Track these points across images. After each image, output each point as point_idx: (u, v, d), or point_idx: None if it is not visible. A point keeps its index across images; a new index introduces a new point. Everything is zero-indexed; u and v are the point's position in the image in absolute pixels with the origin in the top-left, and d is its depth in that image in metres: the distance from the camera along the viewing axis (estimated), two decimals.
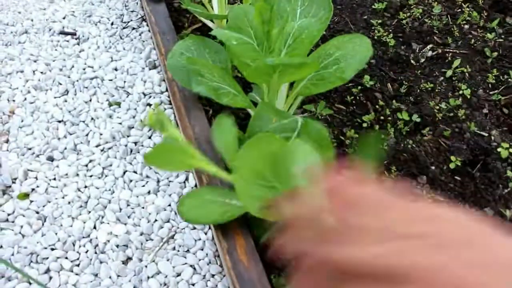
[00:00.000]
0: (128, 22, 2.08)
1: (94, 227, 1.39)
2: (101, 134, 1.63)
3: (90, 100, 1.74)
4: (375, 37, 1.72)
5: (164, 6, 1.70)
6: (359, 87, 1.54)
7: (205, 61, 1.28)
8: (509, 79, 1.60)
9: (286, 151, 0.86)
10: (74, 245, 1.34)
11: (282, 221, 0.87)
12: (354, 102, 1.51)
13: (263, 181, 0.90)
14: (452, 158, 1.37)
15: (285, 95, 1.34)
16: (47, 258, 1.30)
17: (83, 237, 1.36)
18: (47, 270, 1.28)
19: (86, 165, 1.54)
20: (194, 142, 1.26)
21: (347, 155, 1.37)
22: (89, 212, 1.42)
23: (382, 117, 1.46)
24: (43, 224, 1.38)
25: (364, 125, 1.44)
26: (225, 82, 1.21)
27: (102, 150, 1.60)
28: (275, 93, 1.27)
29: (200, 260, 1.32)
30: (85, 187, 1.48)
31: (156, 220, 1.45)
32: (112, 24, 2.06)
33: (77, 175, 1.51)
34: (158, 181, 1.55)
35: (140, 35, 2.01)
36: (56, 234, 1.35)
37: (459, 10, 1.86)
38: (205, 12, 1.56)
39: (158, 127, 0.95)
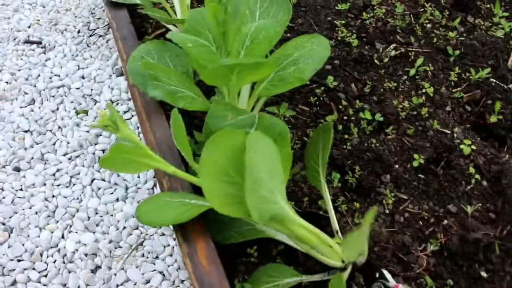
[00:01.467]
0: (95, 29, 2.07)
1: (62, 237, 1.38)
2: (68, 143, 1.63)
3: (57, 109, 1.74)
4: (339, 38, 1.73)
5: (126, 12, 1.70)
6: (323, 88, 1.55)
7: (162, 65, 1.29)
8: (471, 77, 1.62)
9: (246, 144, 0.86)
10: (41, 255, 1.33)
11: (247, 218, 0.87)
12: (317, 103, 1.52)
13: (228, 177, 0.91)
14: (416, 156, 1.38)
15: (247, 97, 1.34)
16: (14, 269, 1.29)
17: (51, 247, 1.35)
18: (14, 282, 1.27)
19: (54, 174, 1.54)
20: (155, 147, 1.26)
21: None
22: (57, 221, 1.42)
23: (345, 117, 1.47)
24: (9, 236, 1.37)
25: None
26: (184, 86, 1.21)
27: (69, 159, 1.59)
28: (235, 95, 1.28)
29: (169, 266, 1.32)
30: (53, 196, 1.48)
31: (125, 227, 1.45)
32: (78, 32, 2.05)
33: (44, 184, 1.50)
34: (127, 188, 1.55)
35: (107, 42, 2.00)
36: (23, 245, 1.35)
37: (422, 9, 1.89)
38: (166, 17, 1.56)
39: (110, 128, 0.94)
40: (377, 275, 1.15)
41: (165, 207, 1.12)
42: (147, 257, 1.38)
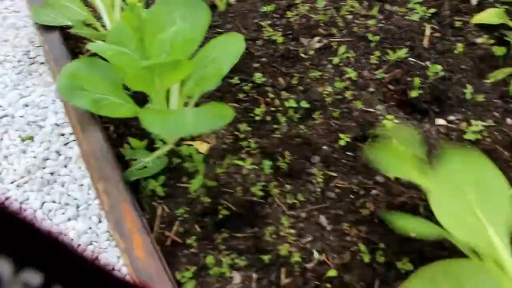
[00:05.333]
0: (35, 57, 2.12)
1: None
2: (15, 170, 1.66)
3: (1, 139, 1.77)
4: (265, 38, 1.82)
5: (58, 34, 1.75)
6: (251, 84, 1.63)
7: (88, 75, 1.34)
8: (390, 58, 1.71)
9: None
10: None
11: None
12: (246, 99, 1.59)
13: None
14: (342, 136, 1.46)
15: (177, 100, 1.41)
16: None
17: None
18: None
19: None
20: (90, 155, 1.31)
21: (242, 148, 1.44)
22: None
23: (273, 108, 1.55)
24: None
25: (257, 118, 1.52)
26: (111, 94, 1.27)
27: (18, 186, 1.62)
28: (163, 98, 1.34)
29: (125, 276, 1.36)
30: None
31: (79, 245, 1.49)
32: (18, 61, 2.10)
33: None
34: (78, 207, 1.59)
35: (48, 69, 2.05)
36: None
37: (343, 3, 1.99)
38: (92, 33, 1.62)
39: None
40: None
41: None
42: None
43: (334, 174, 1.39)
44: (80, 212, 1.57)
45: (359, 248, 1.23)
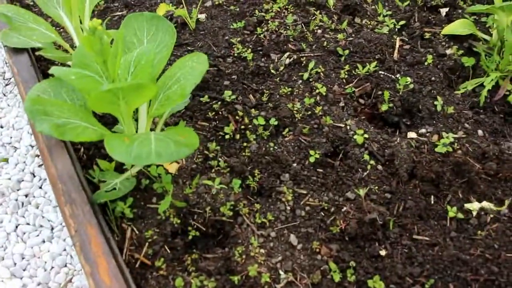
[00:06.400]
0: (10, 78, 2.10)
1: None
2: None
3: None
4: (235, 55, 1.81)
5: (27, 56, 1.73)
6: (220, 103, 1.61)
7: (53, 99, 1.32)
8: (360, 72, 1.72)
9: None
10: None
11: None
12: (216, 117, 1.58)
13: None
14: (311, 152, 1.45)
15: (145, 121, 1.39)
16: None
17: None
18: None
19: None
20: (57, 178, 1.30)
21: (212, 167, 1.43)
22: None
23: (242, 126, 1.54)
24: None
25: (227, 137, 1.51)
26: (77, 117, 1.25)
27: None
28: (131, 120, 1.33)
29: None
30: None
31: (52, 267, 1.47)
32: None
33: None
34: (52, 229, 1.57)
35: (17, 92, 2.03)
36: None
37: (313, 17, 1.99)
38: (60, 55, 1.61)
39: None
40: None
41: None
42: None
43: (304, 192, 1.38)
44: (54, 234, 1.55)
45: (330, 267, 1.22)
